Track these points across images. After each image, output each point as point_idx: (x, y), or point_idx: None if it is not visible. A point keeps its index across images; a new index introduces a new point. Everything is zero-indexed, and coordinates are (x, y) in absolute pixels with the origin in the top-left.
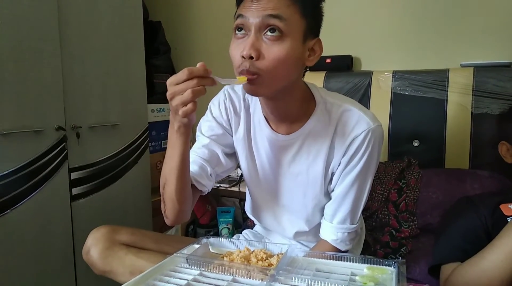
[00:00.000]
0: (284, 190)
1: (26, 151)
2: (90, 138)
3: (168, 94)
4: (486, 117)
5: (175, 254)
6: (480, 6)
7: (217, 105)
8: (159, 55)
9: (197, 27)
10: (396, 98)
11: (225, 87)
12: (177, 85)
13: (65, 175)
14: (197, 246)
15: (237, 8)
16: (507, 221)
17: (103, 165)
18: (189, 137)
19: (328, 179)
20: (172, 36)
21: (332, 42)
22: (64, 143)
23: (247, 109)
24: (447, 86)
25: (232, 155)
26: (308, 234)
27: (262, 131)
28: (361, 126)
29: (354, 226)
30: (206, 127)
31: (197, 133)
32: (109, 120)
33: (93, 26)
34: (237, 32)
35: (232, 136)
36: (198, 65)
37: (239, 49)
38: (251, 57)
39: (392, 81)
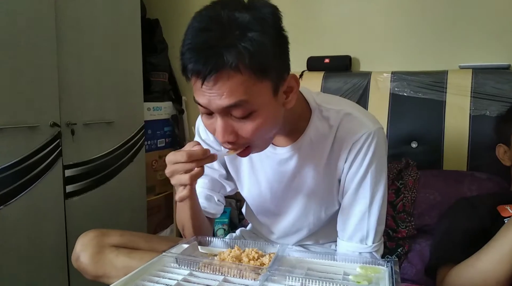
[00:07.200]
0: (288, 205)
1: (20, 147)
2: (85, 135)
3: (167, 172)
4: (484, 119)
5: (163, 254)
6: (479, 8)
7: (203, 126)
8: (156, 53)
9: None
10: (395, 99)
11: None
12: (176, 164)
13: (59, 172)
14: (186, 245)
15: (189, 79)
16: (504, 222)
17: (98, 162)
18: (193, 198)
19: (336, 188)
20: (170, 34)
21: (330, 42)
22: (58, 140)
23: None
24: (446, 88)
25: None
26: (309, 240)
27: None
28: (360, 130)
29: (368, 246)
30: None
31: None
32: (105, 118)
33: (90, 23)
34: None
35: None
36: (197, 148)
37: (211, 127)
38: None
39: (390, 82)
